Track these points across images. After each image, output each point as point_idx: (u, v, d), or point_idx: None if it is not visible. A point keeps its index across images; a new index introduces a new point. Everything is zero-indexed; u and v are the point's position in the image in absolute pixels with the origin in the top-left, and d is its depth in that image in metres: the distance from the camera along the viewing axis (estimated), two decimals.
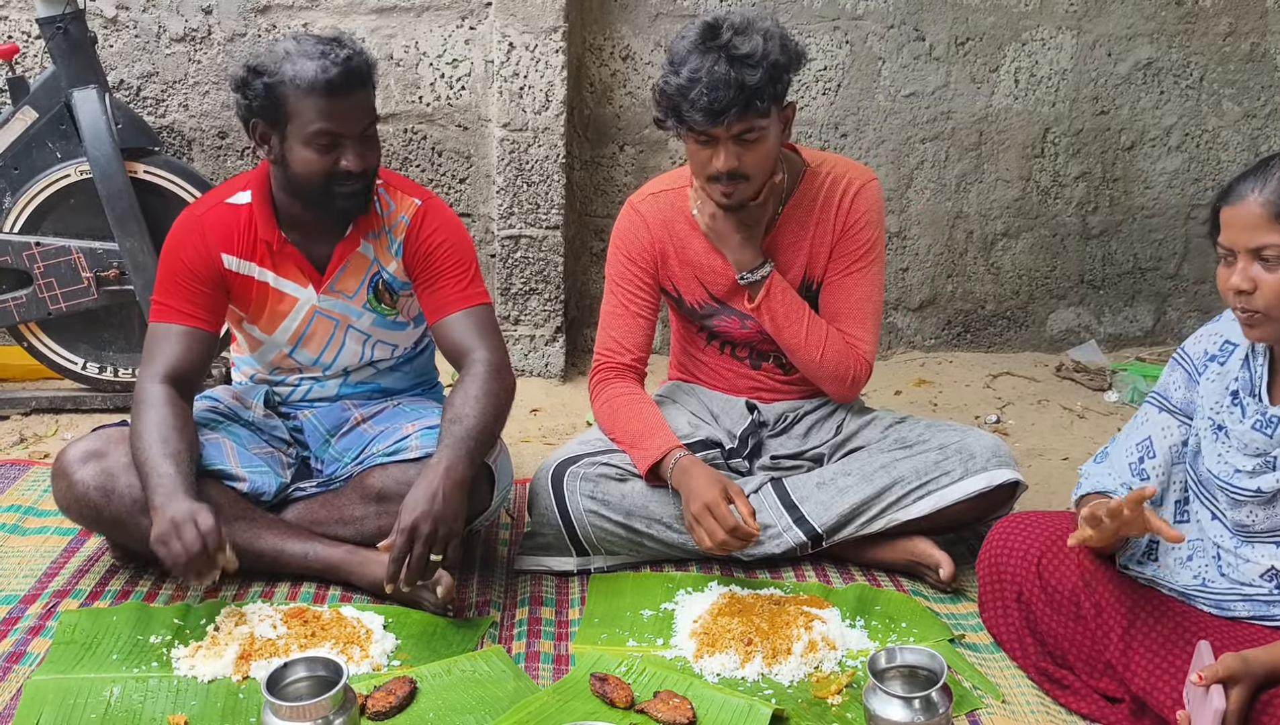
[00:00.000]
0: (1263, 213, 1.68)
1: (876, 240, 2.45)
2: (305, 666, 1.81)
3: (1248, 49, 4.05)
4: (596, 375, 2.52)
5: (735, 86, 2.12)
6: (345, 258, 2.31)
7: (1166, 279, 4.29)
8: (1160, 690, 1.75)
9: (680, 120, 2.19)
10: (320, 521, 2.31)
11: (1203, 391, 1.91)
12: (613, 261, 2.52)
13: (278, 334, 2.36)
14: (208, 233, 2.26)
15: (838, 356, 2.42)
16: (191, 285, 2.25)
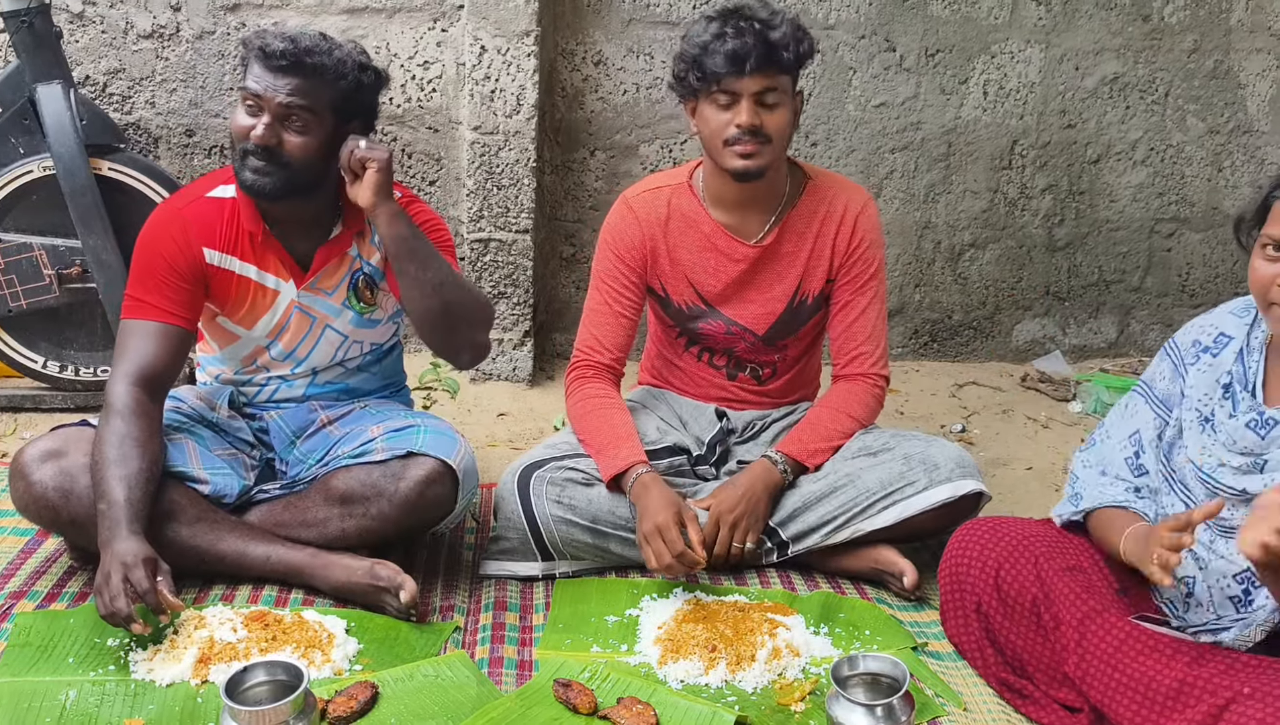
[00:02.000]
0: None
1: (882, 259, 2.51)
2: (265, 670, 1.79)
3: (1212, 66, 4.11)
4: (574, 372, 2.52)
5: (759, 37, 2.20)
6: (330, 259, 2.31)
7: (1130, 291, 4.34)
8: (1117, 702, 1.75)
9: (702, 73, 2.24)
10: (283, 524, 2.29)
11: (1191, 381, 1.89)
12: (601, 257, 2.52)
13: (256, 328, 2.34)
14: (189, 226, 2.24)
15: (863, 409, 2.48)
16: (170, 280, 2.22)
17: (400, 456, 2.21)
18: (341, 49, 2.19)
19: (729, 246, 2.45)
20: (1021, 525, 2.05)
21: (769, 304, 2.49)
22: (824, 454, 2.42)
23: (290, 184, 2.17)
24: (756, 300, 2.49)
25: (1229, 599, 1.81)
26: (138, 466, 2.07)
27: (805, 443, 2.42)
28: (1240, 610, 1.79)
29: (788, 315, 2.50)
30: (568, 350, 4.06)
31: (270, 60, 2.11)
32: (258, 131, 2.12)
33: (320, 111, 2.16)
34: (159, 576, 1.96)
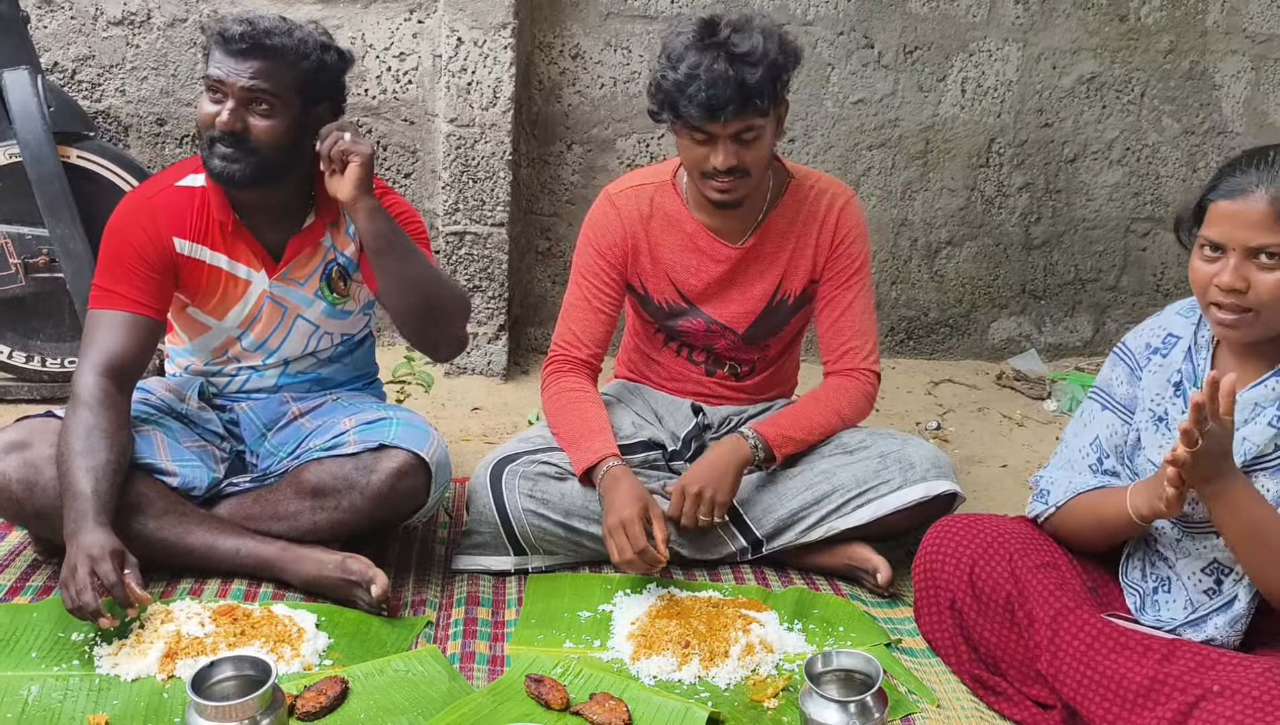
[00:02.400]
0: (1270, 211, 1.63)
1: (866, 254, 2.48)
2: (233, 665, 1.77)
3: (1187, 67, 4.13)
4: (550, 366, 2.50)
5: (735, 84, 2.11)
6: (302, 249, 2.29)
7: (1106, 291, 4.36)
8: (1089, 699, 1.76)
9: (677, 115, 2.18)
10: (253, 517, 2.26)
11: (1144, 384, 1.91)
12: (582, 252, 2.49)
13: (227, 319, 2.31)
14: (159, 216, 2.21)
15: (851, 407, 2.45)
16: (139, 270, 2.19)
17: (372, 449, 2.18)
18: (302, 29, 2.17)
19: (711, 247, 2.43)
20: (996, 522, 2.05)
21: (749, 303, 2.48)
22: (796, 445, 2.39)
23: (260, 169, 2.14)
24: (737, 299, 2.47)
25: (1203, 592, 1.83)
26: (105, 458, 2.04)
27: (783, 427, 2.39)
28: (1213, 599, 1.81)
29: (767, 314, 2.49)
30: (543, 344, 4.05)
31: (230, 44, 2.09)
32: (223, 117, 2.10)
33: (284, 94, 2.13)
34: (126, 569, 1.93)
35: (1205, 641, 1.79)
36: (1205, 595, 1.83)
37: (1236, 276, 1.67)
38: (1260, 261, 1.67)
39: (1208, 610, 1.81)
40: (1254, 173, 1.67)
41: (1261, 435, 1.73)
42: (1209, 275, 1.72)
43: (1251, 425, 1.74)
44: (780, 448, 2.37)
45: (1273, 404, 1.72)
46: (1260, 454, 1.74)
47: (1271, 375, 1.73)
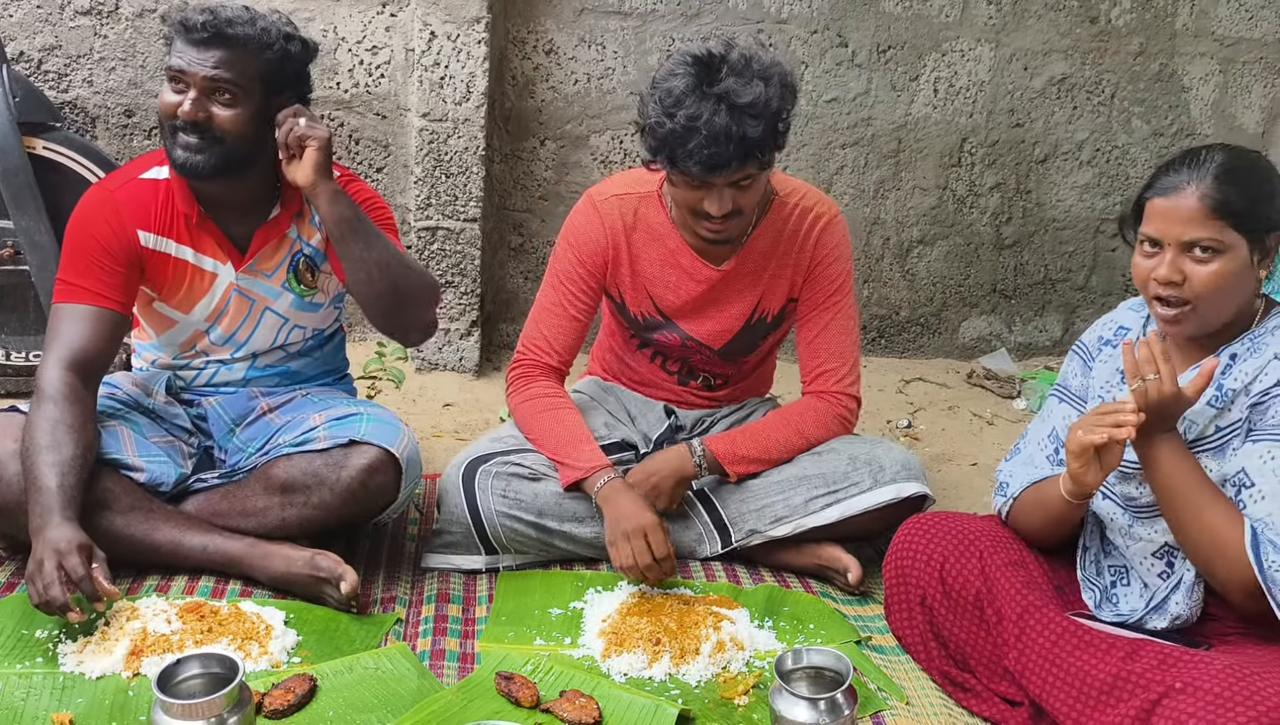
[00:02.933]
0: (1199, 206, 1.71)
1: (848, 273, 2.43)
2: (199, 663, 1.75)
3: (1157, 69, 4.17)
4: (517, 370, 2.46)
5: (736, 140, 2.04)
6: (268, 241, 2.27)
7: (1075, 290, 4.39)
8: (1054, 695, 1.77)
9: (674, 166, 2.12)
10: (221, 513, 2.24)
11: (1095, 373, 1.97)
12: (562, 256, 2.44)
13: (194, 313, 2.29)
14: (122, 209, 2.19)
15: (819, 428, 2.42)
16: (103, 263, 2.17)
17: (342, 445, 2.17)
18: (265, 19, 2.14)
19: (693, 266, 2.39)
20: (966, 521, 2.07)
21: (727, 322, 2.45)
22: (750, 466, 2.38)
23: (224, 160, 2.13)
24: (715, 317, 2.44)
25: (1157, 575, 1.87)
26: (71, 453, 2.02)
27: (737, 447, 2.38)
28: (1166, 581, 1.85)
29: (745, 332, 2.47)
30: (515, 341, 4.02)
31: (191, 34, 2.07)
32: (185, 107, 2.08)
33: (247, 83, 2.11)
34: (94, 563, 1.91)
35: (1173, 621, 1.82)
36: (1159, 579, 1.87)
37: (1172, 269, 1.75)
38: (1194, 255, 1.74)
39: (1165, 593, 1.84)
40: (1185, 172, 1.75)
41: (1201, 416, 1.79)
42: (1148, 270, 1.79)
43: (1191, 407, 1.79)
44: (732, 466, 2.37)
45: (1211, 385, 1.77)
46: (1200, 436, 1.79)
47: (1208, 359, 1.78)
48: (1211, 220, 1.71)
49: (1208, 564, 1.74)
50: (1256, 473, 1.71)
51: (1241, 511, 1.71)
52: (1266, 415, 1.73)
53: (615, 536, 2.19)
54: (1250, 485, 1.71)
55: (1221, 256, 1.72)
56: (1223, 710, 1.52)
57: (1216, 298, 1.74)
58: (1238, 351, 1.79)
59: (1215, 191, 1.71)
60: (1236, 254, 1.73)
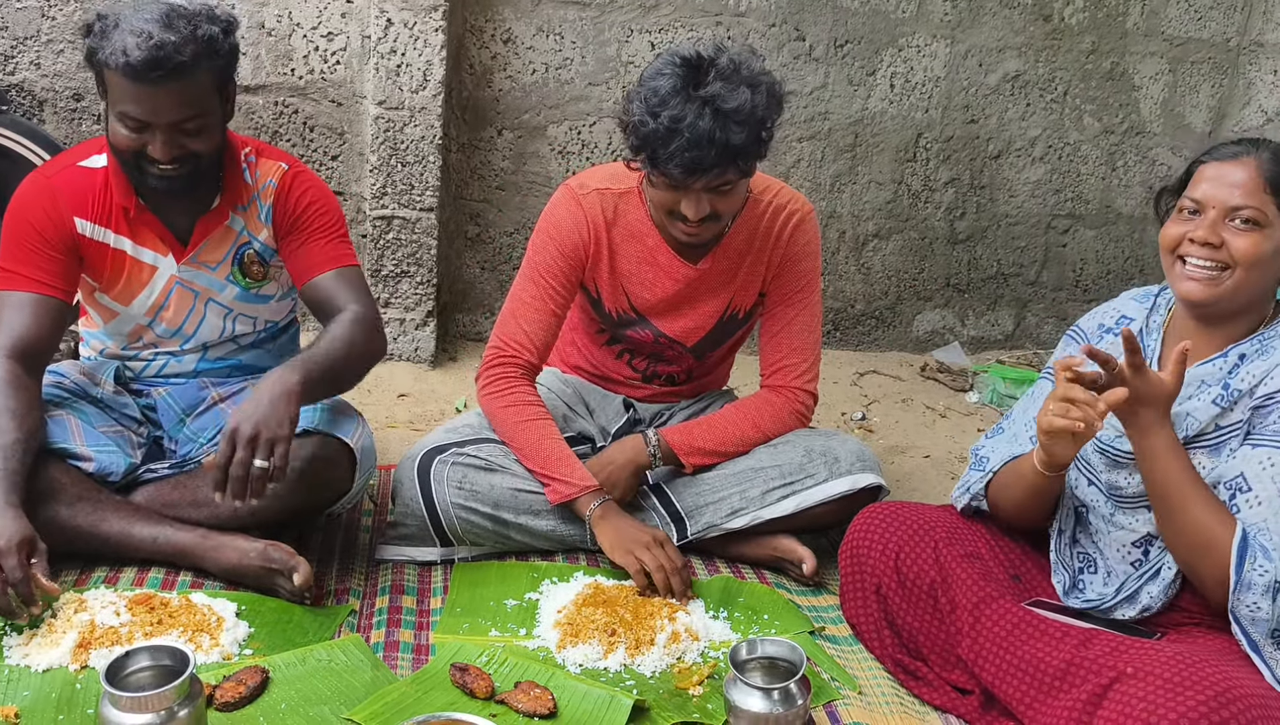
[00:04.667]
0: (1256, 176, 1.73)
1: (816, 271, 2.43)
2: (149, 655, 1.72)
3: (1108, 67, 4.23)
4: (494, 369, 2.39)
5: (719, 146, 2.02)
6: (210, 232, 2.23)
7: (1027, 285, 4.45)
8: (1008, 683, 1.80)
9: (655, 167, 2.10)
10: (172, 504, 2.22)
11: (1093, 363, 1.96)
12: (542, 249, 2.37)
13: (134, 306, 2.26)
14: (59, 196, 2.15)
15: (774, 422, 2.43)
16: (41, 250, 2.13)
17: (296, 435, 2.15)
18: (197, 19, 2.03)
19: (670, 264, 2.38)
20: (922, 511, 2.09)
21: (700, 319, 2.45)
22: (706, 457, 2.39)
23: (201, 174, 2.11)
24: (689, 315, 2.44)
25: (1130, 564, 1.89)
26: (13, 438, 1.98)
27: (693, 439, 2.39)
28: (1138, 569, 1.87)
29: (717, 329, 2.47)
30: (471, 331, 4.02)
31: (140, 77, 1.95)
32: (157, 151, 2.01)
33: (210, 103, 2.07)
34: (34, 559, 1.87)
35: (1142, 612, 1.84)
36: (1132, 567, 1.88)
37: (1212, 231, 1.75)
38: (1235, 226, 1.74)
39: (1137, 584, 1.86)
40: (1244, 145, 1.77)
41: (1204, 412, 1.79)
42: (1182, 233, 1.79)
43: (1194, 402, 1.80)
44: (688, 457, 2.38)
45: (1217, 383, 1.78)
46: (1200, 432, 1.79)
47: (1219, 356, 1.80)
48: (1261, 192, 1.73)
49: (1191, 559, 1.75)
50: (1254, 478, 1.71)
51: (1235, 514, 1.71)
52: (1268, 420, 1.73)
53: (634, 547, 2.19)
54: (1247, 490, 1.72)
55: (1261, 231, 1.73)
56: (1172, 694, 1.55)
57: (1251, 269, 1.74)
58: (1246, 352, 1.79)
59: (1272, 165, 1.73)
60: (1273, 234, 1.73)
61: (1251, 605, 1.67)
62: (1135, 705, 1.58)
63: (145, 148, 2.03)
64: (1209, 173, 1.78)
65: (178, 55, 1.96)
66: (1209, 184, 1.77)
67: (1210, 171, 1.78)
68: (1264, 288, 1.79)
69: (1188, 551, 1.75)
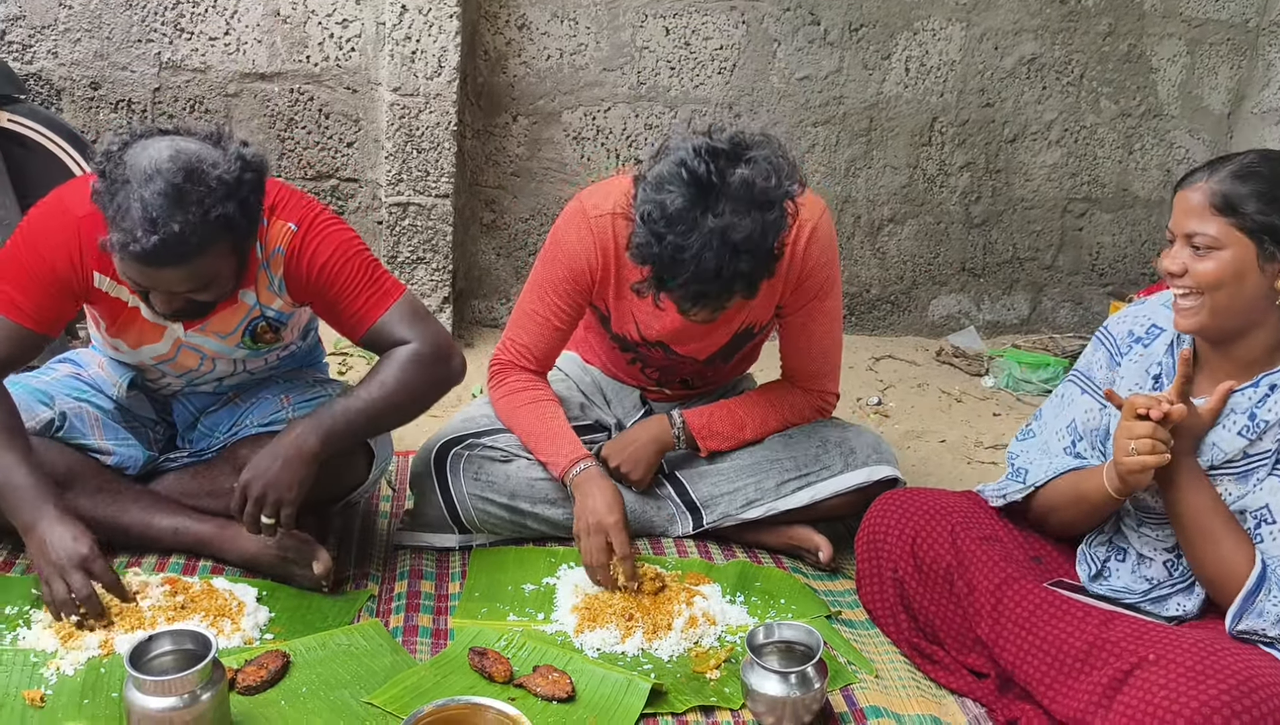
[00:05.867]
0: (1201, 201, 1.72)
1: (834, 276, 2.34)
2: (172, 640, 1.74)
3: (1125, 49, 4.20)
4: (496, 366, 2.40)
5: (725, 280, 1.93)
6: (221, 310, 2.09)
7: (1043, 269, 4.43)
8: (1028, 664, 1.81)
9: (660, 290, 2.01)
10: (191, 493, 2.23)
11: (1124, 370, 1.94)
12: (551, 265, 2.30)
13: (141, 351, 2.19)
14: (85, 245, 1.99)
15: (796, 415, 2.42)
16: (48, 290, 2.00)
17: None
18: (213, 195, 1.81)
19: None
20: (938, 496, 2.10)
21: (712, 340, 2.39)
22: (724, 442, 2.38)
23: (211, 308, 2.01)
24: (700, 337, 2.37)
25: (1162, 564, 1.89)
26: (25, 445, 1.98)
27: (714, 422, 2.38)
28: (1171, 573, 1.87)
29: (731, 345, 2.43)
30: (487, 317, 4.04)
31: (144, 261, 1.80)
32: (159, 306, 1.92)
33: (225, 266, 1.91)
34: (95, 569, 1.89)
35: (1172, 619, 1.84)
36: (1165, 569, 1.88)
37: (1172, 260, 1.75)
38: (1195, 250, 1.73)
39: (1169, 589, 1.86)
40: (1206, 169, 1.75)
41: (1231, 444, 1.76)
42: (1165, 265, 1.79)
43: (1221, 431, 1.77)
44: (705, 441, 2.37)
45: (1244, 413, 1.76)
46: (1228, 459, 1.77)
47: (1250, 385, 1.77)
48: (1211, 216, 1.71)
49: (1214, 586, 1.76)
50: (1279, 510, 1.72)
51: (1257, 544, 1.72)
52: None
53: (578, 529, 2.17)
54: (1272, 522, 1.72)
55: (1219, 253, 1.70)
56: (1194, 682, 1.55)
57: (1217, 293, 1.71)
58: (1278, 382, 1.75)
59: (1222, 188, 1.70)
60: (1237, 254, 1.70)
61: (1259, 632, 1.69)
62: (1157, 693, 1.58)
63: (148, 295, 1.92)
64: (1176, 201, 1.78)
65: (187, 242, 1.79)
66: (1174, 212, 1.78)
67: (1177, 199, 1.78)
68: (1247, 305, 1.73)
69: (1210, 579, 1.76)
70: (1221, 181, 1.71)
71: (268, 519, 2.00)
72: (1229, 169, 1.72)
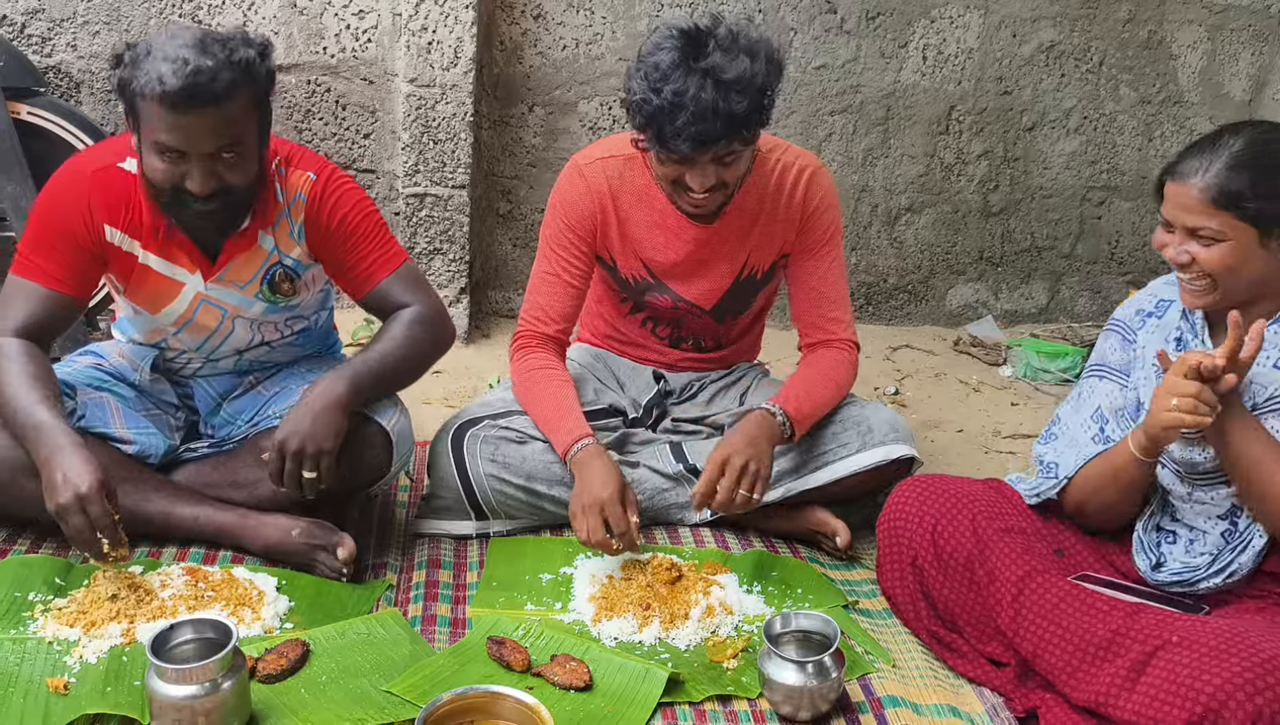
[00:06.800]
0: (1200, 198, 1.73)
1: (838, 223, 2.42)
2: (193, 628, 1.76)
3: (1145, 36, 4.17)
4: (518, 341, 2.45)
5: (723, 116, 2.03)
6: (239, 252, 2.16)
7: (1061, 258, 4.41)
8: (1049, 652, 1.80)
9: (662, 144, 2.10)
10: (212, 484, 2.24)
11: (1141, 342, 1.96)
12: (551, 224, 2.42)
13: (161, 315, 2.22)
14: (94, 198, 2.08)
15: (846, 376, 2.42)
16: (67, 250, 2.09)
17: None
18: (232, 41, 1.95)
19: (679, 225, 2.38)
20: (961, 484, 2.09)
21: (716, 280, 2.44)
22: (809, 424, 2.36)
23: (239, 207, 2.06)
24: (704, 277, 2.44)
25: (1220, 535, 1.88)
26: (51, 391, 2.01)
27: (802, 407, 2.33)
28: (1229, 540, 1.86)
29: (735, 290, 2.47)
30: (504, 308, 4.04)
31: (177, 106, 1.88)
32: (194, 184, 1.95)
33: (248, 130, 1.99)
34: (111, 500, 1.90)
35: (1228, 578, 1.84)
36: (1223, 538, 1.88)
37: (1179, 252, 1.78)
38: (1199, 241, 1.76)
39: (1231, 557, 1.85)
40: (1198, 158, 1.75)
41: (1268, 377, 1.79)
42: (1161, 245, 1.82)
43: (1257, 368, 1.79)
44: (800, 426, 2.34)
45: (1276, 347, 1.79)
46: (1271, 396, 1.80)
47: (1275, 322, 1.81)
48: (1212, 212, 1.73)
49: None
50: None
51: None
52: None
53: (575, 507, 2.18)
54: None
55: (1223, 244, 1.74)
56: (1217, 660, 1.56)
57: (1227, 276, 1.76)
58: None
59: (1220, 182, 1.72)
60: (1240, 240, 1.73)
61: None
62: (1180, 671, 1.58)
63: (182, 181, 1.96)
64: (1169, 191, 1.79)
65: (215, 81, 1.89)
66: (1169, 204, 1.79)
67: (1170, 191, 1.79)
68: (1258, 276, 1.77)
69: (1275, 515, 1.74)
70: (1218, 176, 1.72)
71: (309, 473, 2.03)
72: (1223, 161, 1.72)
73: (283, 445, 2.03)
